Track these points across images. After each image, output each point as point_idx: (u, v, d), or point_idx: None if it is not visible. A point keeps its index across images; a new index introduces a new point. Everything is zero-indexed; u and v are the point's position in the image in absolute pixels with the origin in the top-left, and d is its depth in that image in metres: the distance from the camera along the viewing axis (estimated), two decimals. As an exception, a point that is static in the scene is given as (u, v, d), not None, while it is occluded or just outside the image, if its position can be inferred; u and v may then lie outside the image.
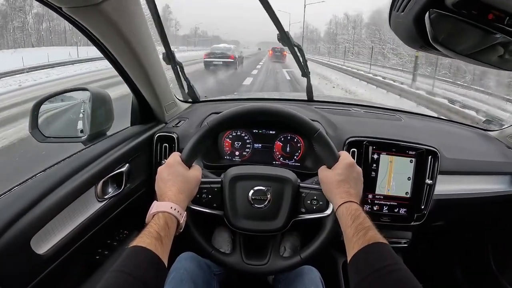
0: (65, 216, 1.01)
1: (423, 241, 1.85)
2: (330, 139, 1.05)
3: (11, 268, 0.84)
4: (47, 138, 1.32)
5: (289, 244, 1.46)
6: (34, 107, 1.29)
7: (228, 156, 1.55)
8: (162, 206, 0.86)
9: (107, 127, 1.40)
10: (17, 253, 0.85)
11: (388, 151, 1.40)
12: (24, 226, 0.86)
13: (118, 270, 0.69)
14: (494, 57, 0.59)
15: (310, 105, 1.84)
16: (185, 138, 1.46)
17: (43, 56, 22.37)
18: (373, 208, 1.43)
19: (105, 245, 1.30)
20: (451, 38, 0.55)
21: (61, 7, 0.89)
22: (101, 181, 1.16)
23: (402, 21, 0.60)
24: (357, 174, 1.01)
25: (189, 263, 1.16)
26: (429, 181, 1.40)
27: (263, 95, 2.97)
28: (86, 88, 1.35)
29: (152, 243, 0.76)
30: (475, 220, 1.88)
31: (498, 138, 1.83)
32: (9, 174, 4.03)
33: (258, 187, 1.07)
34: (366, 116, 1.81)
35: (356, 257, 0.79)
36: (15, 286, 0.86)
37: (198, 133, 1.04)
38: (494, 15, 0.52)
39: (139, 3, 1.07)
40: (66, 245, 1.00)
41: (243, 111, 1.07)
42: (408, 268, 0.73)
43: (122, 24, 1.02)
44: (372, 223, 0.87)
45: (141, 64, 1.22)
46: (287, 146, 1.53)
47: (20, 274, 0.87)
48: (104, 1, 0.88)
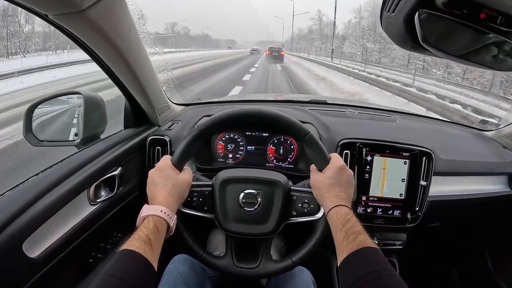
0: (58, 220, 1.00)
1: (418, 242, 1.85)
2: (321, 142, 1.05)
3: (3, 272, 0.84)
4: (41, 142, 1.31)
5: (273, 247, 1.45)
6: (28, 111, 1.28)
7: (221, 159, 1.54)
8: (152, 210, 0.87)
9: (101, 131, 1.39)
10: (9, 257, 0.84)
11: (381, 152, 1.40)
12: (16, 229, 0.85)
13: (107, 274, 0.70)
14: (487, 57, 0.58)
15: (304, 107, 1.83)
16: (177, 141, 1.46)
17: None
18: (367, 210, 1.42)
19: (98, 248, 1.30)
20: (442, 38, 0.55)
21: (47, 14, 0.89)
22: (93, 184, 1.16)
23: (392, 21, 0.59)
24: (348, 177, 1.00)
25: (182, 266, 1.16)
26: (423, 183, 1.39)
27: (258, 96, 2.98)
28: (79, 92, 1.34)
29: (141, 246, 0.76)
30: (471, 221, 1.88)
31: (494, 138, 1.82)
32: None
33: (249, 190, 1.07)
34: (360, 117, 1.81)
35: (345, 262, 0.79)
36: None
37: (189, 137, 1.04)
38: (486, 14, 0.51)
39: (126, 7, 1.06)
40: (59, 249, 0.99)
41: (233, 114, 1.06)
42: (403, 269, 0.73)
43: (110, 29, 1.01)
44: (362, 227, 0.86)
45: (131, 68, 1.21)
46: (280, 148, 1.53)
47: (12, 278, 0.86)
48: (89, 7, 0.87)
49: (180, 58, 28.46)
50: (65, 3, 0.84)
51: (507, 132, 1.78)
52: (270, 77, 18.74)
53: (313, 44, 71.83)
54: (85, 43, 1.05)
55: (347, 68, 22.31)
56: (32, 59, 21.41)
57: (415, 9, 0.53)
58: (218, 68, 22.33)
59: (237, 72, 21.10)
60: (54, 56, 22.67)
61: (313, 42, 75.08)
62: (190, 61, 25.99)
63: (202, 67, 22.62)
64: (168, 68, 2.07)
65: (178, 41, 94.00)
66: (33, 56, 25.19)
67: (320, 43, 66.27)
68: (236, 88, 13.18)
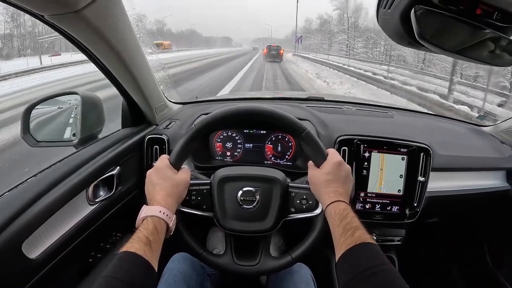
0: (57, 220, 1.00)
1: (417, 238, 1.86)
2: (318, 138, 1.05)
3: (3, 273, 0.84)
4: (39, 142, 1.31)
5: (273, 244, 1.46)
6: (25, 112, 1.28)
7: (219, 157, 1.55)
8: (151, 210, 0.87)
9: (98, 130, 1.39)
10: (8, 258, 0.85)
11: (379, 149, 1.40)
12: (16, 230, 0.85)
13: (107, 276, 0.70)
14: (484, 53, 0.58)
15: (302, 104, 1.83)
16: (175, 140, 1.46)
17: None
18: (365, 206, 1.42)
19: (98, 248, 1.30)
20: (438, 34, 0.55)
21: (43, 15, 0.89)
22: (92, 184, 1.16)
23: (389, 18, 0.60)
24: (346, 172, 1.00)
25: (182, 264, 1.17)
26: (421, 178, 1.40)
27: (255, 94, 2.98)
28: (76, 92, 1.34)
29: (141, 248, 0.77)
30: (470, 217, 1.88)
31: (491, 134, 1.83)
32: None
33: (247, 188, 1.07)
34: (358, 113, 1.81)
35: (343, 258, 0.80)
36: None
37: (186, 136, 1.04)
38: (482, 10, 0.51)
39: (122, 6, 1.05)
40: (58, 249, 0.99)
41: (230, 112, 1.06)
42: (402, 265, 0.73)
43: (106, 28, 1.01)
44: (360, 222, 0.86)
45: (128, 67, 1.21)
46: (278, 145, 1.53)
47: (12, 279, 0.86)
48: (85, 7, 0.87)
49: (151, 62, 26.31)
50: (60, 3, 0.84)
51: (504, 127, 1.79)
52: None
53: (332, 40, 51.07)
54: (81, 43, 1.05)
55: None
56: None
57: (411, 5, 0.53)
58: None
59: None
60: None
61: (332, 36, 51.43)
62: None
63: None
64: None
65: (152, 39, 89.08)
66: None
67: (346, 37, 44.99)
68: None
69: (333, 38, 51.57)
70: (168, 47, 48.73)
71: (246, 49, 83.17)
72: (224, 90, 12.26)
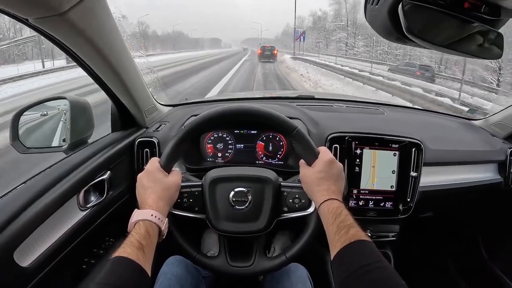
0: (48, 227, 0.99)
1: (412, 233, 1.86)
2: (309, 136, 1.05)
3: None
4: (28, 149, 1.29)
5: (280, 244, 1.45)
6: (14, 118, 1.26)
7: (210, 158, 1.54)
8: (142, 214, 0.86)
9: (88, 135, 1.37)
10: (0, 267, 0.83)
11: (371, 145, 1.40)
12: (6, 239, 0.84)
13: (100, 283, 0.69)
14: (473, 46, 0.58)
15: (292, 103, 1.83)
16: (165, 142, 1.44)
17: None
18: (358, 203, 1.42)
19: (90, 254, 1.29)
20: (426, 29, 0.55)
21: (27, 18, 0.87)
22: (82, 189, 1.14)
23: (377, 14, 0.59)
24: (338, 170, 1.00)
25: (176, 267, 1.16)
26: (413, 174, 1.40)
27: (246, 94, 2.97)
28: (64, 97, 1.32)
29: (133, 252, 0.76)
30: (464, 210, 1.89)
31: (482, 127, 1.84)
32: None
33: (239, 188, 1.06)
34: (348, 111, 1.81)
35: (338, 256, 0.79)
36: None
37: (175, 138, 1.03)
38: (469, 3, 0.51)
39: (107, 8, 1.04)
40: (51, 256, 0.98)
41: (220, 113, 1.06)
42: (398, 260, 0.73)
43: (91, 31, 1.00)
44: (354, 220, 0.86)
45: (115, 70, 1.19)
46: (270, 145, 1.53)
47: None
48: (69, 9, 0.86)
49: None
50: (44, 6, 0.82)
51: (495, 120, 1.80)
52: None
53: (330, 39, 48.70)
54: (67, 46, 1.04)
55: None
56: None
57: (398, 0, 0.53)
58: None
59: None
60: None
61: (330, 34, 48.87)
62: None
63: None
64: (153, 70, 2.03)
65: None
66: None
67: (346, 35, 43.90)
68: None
69: (329, 36, 49.78)
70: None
71: (235, 50, 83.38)
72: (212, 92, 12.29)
